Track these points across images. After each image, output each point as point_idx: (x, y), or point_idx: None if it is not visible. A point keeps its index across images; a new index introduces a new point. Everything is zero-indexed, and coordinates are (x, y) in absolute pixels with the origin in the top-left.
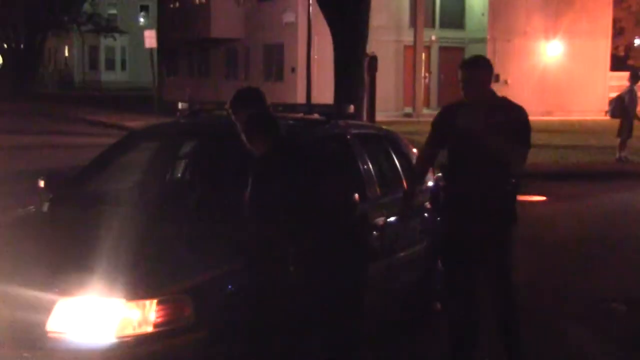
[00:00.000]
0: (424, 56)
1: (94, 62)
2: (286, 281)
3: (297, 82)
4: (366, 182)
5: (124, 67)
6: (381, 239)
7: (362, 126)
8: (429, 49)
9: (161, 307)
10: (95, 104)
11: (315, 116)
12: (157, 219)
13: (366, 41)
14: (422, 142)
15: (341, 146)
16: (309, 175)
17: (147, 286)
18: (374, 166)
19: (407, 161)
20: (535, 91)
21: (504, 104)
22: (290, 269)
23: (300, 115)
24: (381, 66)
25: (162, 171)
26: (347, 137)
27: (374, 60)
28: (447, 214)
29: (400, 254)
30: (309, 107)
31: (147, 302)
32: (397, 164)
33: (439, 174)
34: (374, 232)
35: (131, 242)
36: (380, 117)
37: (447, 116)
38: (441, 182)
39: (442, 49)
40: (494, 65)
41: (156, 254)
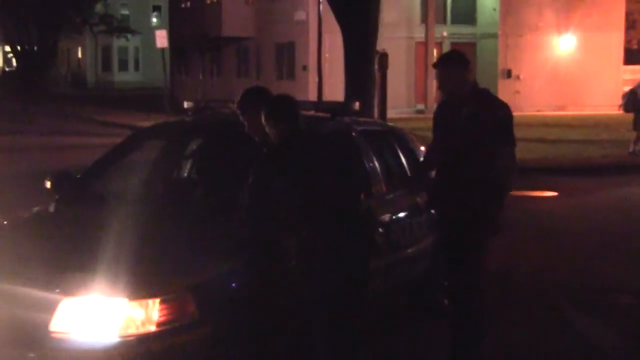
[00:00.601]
0: (435, 52)
1: (107, 63)
2: (286, 279)
3: (309, 80)
4: (371, 178)
5: (137, 68)
6: (387, 235)
7: (368, 123)
8: (440, 45)
9: (164, 305)
10: (107, 104)
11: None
12: (161, 218)
13: (376, 38)
14: None
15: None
16: (315, 170)
17: (149, 285)
18: (379, 162)
19: (413, 158)
20: (547, 86)
21: (484, 101)
22: (292, 264)
23: (311, 112)
24: (392, 63)
25: (166, 170)
26: (352, 134)
27: (384, 57)
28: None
29: (405, 250)
30: (315, 104)
31: (150, 302)
32: (403, 160)
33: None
34: (380, 229)
35: (134, 241)
36: (391, 114)
37: (435, 112)
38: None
39: (454, 45)
40: (506, 60)
41: (159, 253)
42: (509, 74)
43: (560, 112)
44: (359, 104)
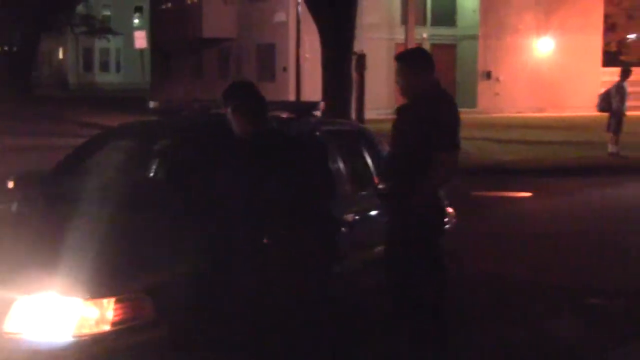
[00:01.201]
0: None
1: (89, 64)
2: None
3: (289, 81)
4: (335, 179)
5: (118, 69)
6: (351, 235)
7: (334, 123)
8: (420, 46)
9: (119, 305)
10: (88, 105)
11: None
12: (125, 218)
13: (352, 39)
14: None
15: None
16: (274, 170)
17: (105, 285)
18: (344, 163)
19: (379, 158)
20: (527, 88)
21: (431, 102)
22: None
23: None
24: (373, 64)
25: (130, 170)
26: (317, 134)
27: (362, 58)
28: None
29: (373, 251)
30: (282, 103)
31: (104, 301)
32: (368, 161)
33: None
34: (343, 229)
35: (94, 241)
36: (371, 114)
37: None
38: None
39: (434, 47)
40: (486, 62)
41: (118, 253)
42: (489, 75)
43: (539, 114)
44: (326, 105)
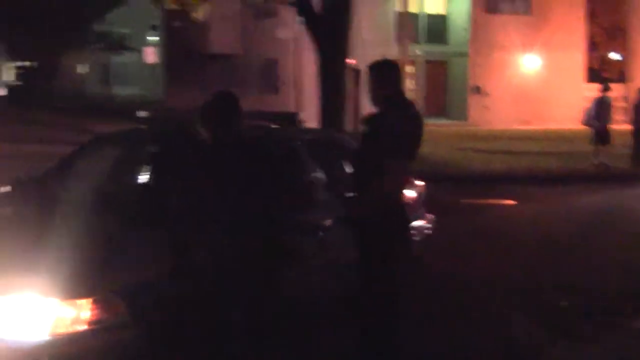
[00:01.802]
0: (408, 69)
1: (106, 78)
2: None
3: (290, 95)
4: (313, 186)
5: (134, 82)
6: (324, 242)
7: (312, 132)
8: (413, 63)
9: (94, 306)
10: (104, 116)
11: None
12: (101, 221)
13: (346, 54)
14: None
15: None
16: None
17: (80, 286)
18: (321, 171)
19: None
20: (514, 102)
21: (390, 108)
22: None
23: (265, 123)
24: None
25: (114, 175)
26: (296, 143)
27: (357, 73)
28: None
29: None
30: (263, 113)
31: (80, 302)
32: (346, 169)
33: None
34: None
35: (72, 243)
36: None
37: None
38: None
39: (427, 63)
40: (475, 77)
41: (94, 255)
42: (478, 90)
43: (525, 127)
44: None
